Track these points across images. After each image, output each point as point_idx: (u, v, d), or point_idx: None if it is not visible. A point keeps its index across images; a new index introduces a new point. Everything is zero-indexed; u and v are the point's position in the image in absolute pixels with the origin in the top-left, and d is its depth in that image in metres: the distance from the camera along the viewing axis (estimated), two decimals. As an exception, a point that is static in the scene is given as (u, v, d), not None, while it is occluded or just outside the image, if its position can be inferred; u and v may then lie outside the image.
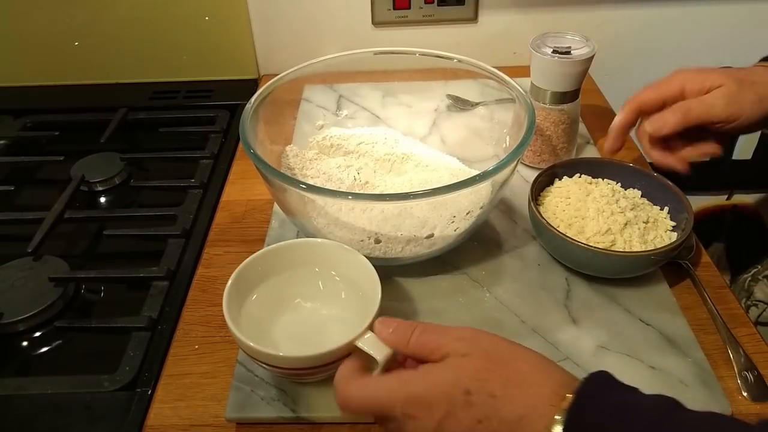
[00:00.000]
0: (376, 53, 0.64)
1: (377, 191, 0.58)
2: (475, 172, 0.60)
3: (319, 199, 0.51)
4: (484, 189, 0.52)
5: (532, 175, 0.66)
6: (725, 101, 0.53)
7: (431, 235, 0.51)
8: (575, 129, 0.66)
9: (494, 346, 0.37)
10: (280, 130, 0.63)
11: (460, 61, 0.61)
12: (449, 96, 0.69)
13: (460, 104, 0.69)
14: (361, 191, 0.58)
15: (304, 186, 0.47)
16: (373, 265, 0.46)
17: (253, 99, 0.56)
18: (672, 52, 0.90)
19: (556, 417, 0.32)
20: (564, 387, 0.34)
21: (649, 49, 0.89)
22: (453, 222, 0.52)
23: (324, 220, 0.52)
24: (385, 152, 0.63)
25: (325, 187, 0.50)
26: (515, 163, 0.49)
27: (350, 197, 0.48)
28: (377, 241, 0.51)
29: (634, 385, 0.40)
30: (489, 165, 0.48)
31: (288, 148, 0.64)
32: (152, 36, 0.86)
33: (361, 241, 0.52)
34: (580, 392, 0.33)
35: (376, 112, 0.70)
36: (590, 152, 0.70)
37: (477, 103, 0.67)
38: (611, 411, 0.32)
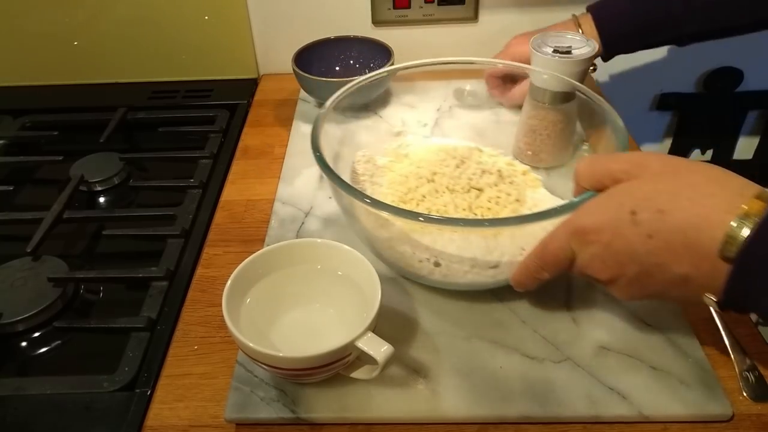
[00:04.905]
0: (448, 62, 0.63)
1: (448, 207, 0.55)
2: (559, 201, 0.57)
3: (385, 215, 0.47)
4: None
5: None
6: None
7: (496, 266, 0.47)
8: (573, 128, 0.66)
9: (664, 164, 0.37)
10: (352, 134, 0.61)
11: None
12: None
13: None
14: (432, 208, 0.55)
15: (368, 201, 0.45)
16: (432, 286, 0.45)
17: (328, 102, 0.55)
18: (672, 51, 0.90)
19: (732, 224, 0.32)
20: (742, 196, 0.33)
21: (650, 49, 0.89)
22: (522, 254, 0.46)
23: (386, 233, 0.49)
24: (461, 167, 0.59)
25: (394, 205, 0.45)
26: None
27: (421, 219, 0.43)
28: (436, 264, 0.48)
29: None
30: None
31: (360, 153, 0.61)
32: (152, 36, 0.86)
33: (420, 261, 0.48)
34: None
35: (455, 122, 0.67)
36: (588, 152, 0.70)
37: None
38: None
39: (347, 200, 0.47)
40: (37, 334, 0.53)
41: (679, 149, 1.00)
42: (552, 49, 0.60)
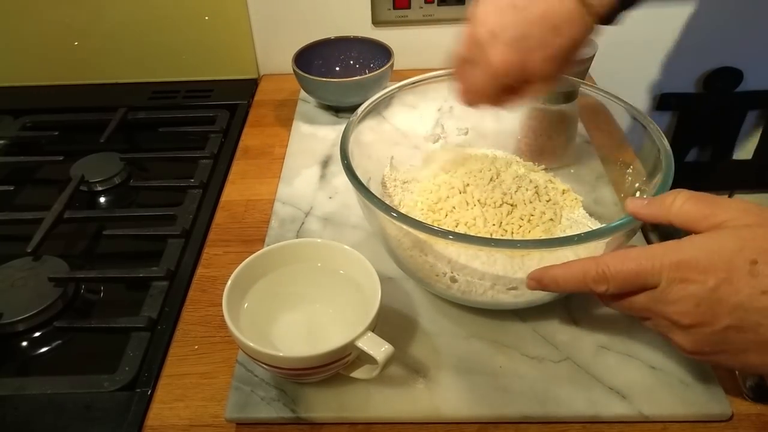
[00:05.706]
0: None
1: (477, 221, 0.53)
2: (596, 224, 0.55)
3: (411, 231, 0.45)
4: (598, 246, 0.43)
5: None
6: None
7: (517, 287, 0.46)
8: (574, 128, 0.66)
9: None
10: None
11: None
12: None
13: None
14: (460, 220, 0.53)
15: (395, 215, 0.43)
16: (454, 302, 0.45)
17: (360, 110, 0.54)
18: (672, 51, 0.90)
19: None
20: None
21: (650, 49, 0.89)
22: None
23: (408, 241, 0.48)
24: (496, 180, 0.57)
25: (423, 222, 0.43)
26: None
27: (451, 237, 0.41)
28: (453, 280, 0.47)
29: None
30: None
31: (393, 158, 0.60)
32: (152, 36, 0.86)
33: (436, 276, 0.48)
34: None
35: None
36: (589, 152, 0.70)
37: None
38: None
39: (371, 209, 0.46)
40: (37, 334, 0.53)
41: (679, 149, 1.00)
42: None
